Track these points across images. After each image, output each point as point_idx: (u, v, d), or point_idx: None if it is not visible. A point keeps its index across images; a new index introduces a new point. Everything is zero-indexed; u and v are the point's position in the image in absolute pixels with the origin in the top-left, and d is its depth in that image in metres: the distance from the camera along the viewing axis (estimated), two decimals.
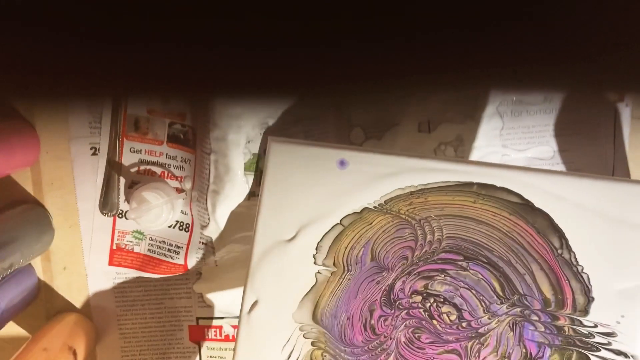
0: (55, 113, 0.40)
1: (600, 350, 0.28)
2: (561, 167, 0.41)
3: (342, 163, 0.28)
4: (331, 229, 0.28)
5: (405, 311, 0.28)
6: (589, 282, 0.27)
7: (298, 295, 0.28)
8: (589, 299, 0.27)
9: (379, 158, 0.28)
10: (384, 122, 0.40)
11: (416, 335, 0.28)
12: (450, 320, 0.28)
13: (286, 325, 0.28)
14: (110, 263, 0.41)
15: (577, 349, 0.28)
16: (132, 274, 0.42)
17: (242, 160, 0.37)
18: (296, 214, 0.28)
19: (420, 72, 0.30)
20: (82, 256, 0.41)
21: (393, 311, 0.28)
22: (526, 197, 0.27)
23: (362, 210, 0.28)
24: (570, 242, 0.27)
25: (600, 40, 0.27)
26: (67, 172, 0.40)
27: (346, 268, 0.28)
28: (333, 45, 0.27)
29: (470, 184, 0.27)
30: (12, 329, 0.42)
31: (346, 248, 0.28)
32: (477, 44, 0.27)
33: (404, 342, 0.28)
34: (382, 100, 0.40)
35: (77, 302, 0.42)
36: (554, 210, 0.27)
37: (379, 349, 0.28)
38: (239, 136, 0.37)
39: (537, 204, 0.27)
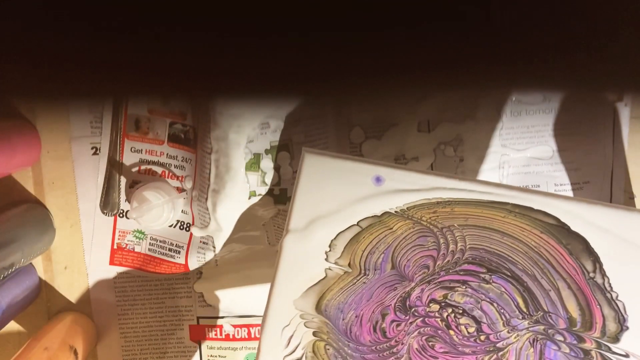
0: (56, 113, 0.40)
1: None
2: (560, 167, 0.41)
3: (378, 179, 0.28)
4: (347, 229, 0.28)
5: (421, 319, 0.27)
6: (625, 311, 0.26)
7: (303, 285, 0.28)
8: (622, 328, 0.26)
9: (416, 177, 0.27)
10: (383, 122, 0.40)
11: (430, 343, 0.27)
12: (468, 333, 0.27)
13: (287, 310, 0.28)
14: (111, 262, 0.42)
15: None
16: (133, 273, 0.42)
17: (243, 159, 0.37)
18: (313, 208, 0.28)
19: (419, 71, 0.30)
20: (83, 256, 0.42)
21: (407, 317, 0.27)
22: (564, 220, 0.26)
23: (382, 214, 0.28)
24: (605, 267, 0.26)
25: (599, 40, 0.27)
26: (68, 172, 0.40)
27: (363, 271, 0.28)
28: (333, 45, 0.27)
29: (505, 203, 0.27)
30: (14, 328, 0.42)
31: (364, 251, 0.28)
32: (477, 43, 0.27)
33: (416, 348, 0.27)
34: (382, 100, 0.40)
35: (78, 301, 0.42)
36: (592, 238, 0.26)
37: (387, 352, 0.28)
38: (240, 136, 0.37)
39: (574, 229, 0.26)
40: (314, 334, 0.28)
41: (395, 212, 0.27)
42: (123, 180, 0.40)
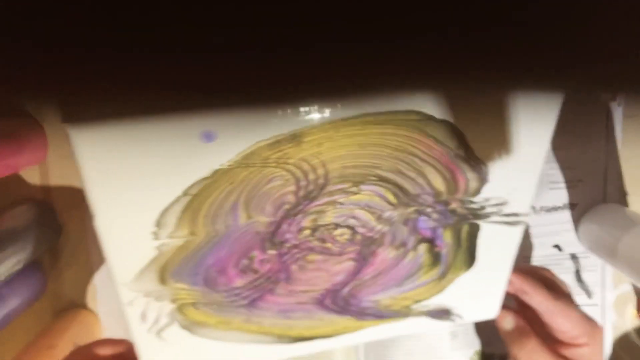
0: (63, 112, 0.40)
1: (490, 216, 0.27)
2: (554, 165, 0.42)
3: (208, 136, 0.22)
4: (173, 202, 0.23)
5: (295, 247, 0.26)
6: (486, 170, 0.27)
7: (131, 269, 0.25)
8: (484, 182, 0.27)
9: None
10: None
11: (308, 260, 0.27)
12: (345, 239, 0.27)
13: (124, 294, 0.25)
14: None
15: (468, 221, 0.27)
16: None
17: None
18: (117, 189, 0.23)
19: (419, 71, 0.30)
20: (89, 253, 0.42)
21: (278, 251, 0.26)
22: (427, 112, 0.25)
23: (214, 174, 0.23)
24: (468, 139, 0.26)
25: (593, 40, 0.28)
26: (74, 170, 0.40)
27: (212, 233, 0.24)
28: (332, 48, 0.27)
29: (362, 114, 0.24)
30: (19, 325, 0.42)
31: (206, 217, 0.24)
32: (475, 44, 0.28)
33: (295, 269, 0.27)
34: None
35: (84, 299, 0.42)
36: (454, 116, 0.25)
37: (266, 283, 0.26)
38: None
39: (439, 117, 0.25)
40: (173, 301, 0.25)
41: (230, 166, 0.23)
42: None
